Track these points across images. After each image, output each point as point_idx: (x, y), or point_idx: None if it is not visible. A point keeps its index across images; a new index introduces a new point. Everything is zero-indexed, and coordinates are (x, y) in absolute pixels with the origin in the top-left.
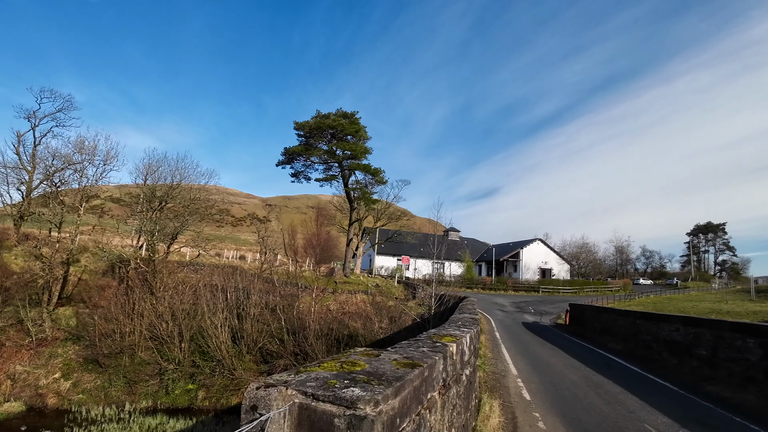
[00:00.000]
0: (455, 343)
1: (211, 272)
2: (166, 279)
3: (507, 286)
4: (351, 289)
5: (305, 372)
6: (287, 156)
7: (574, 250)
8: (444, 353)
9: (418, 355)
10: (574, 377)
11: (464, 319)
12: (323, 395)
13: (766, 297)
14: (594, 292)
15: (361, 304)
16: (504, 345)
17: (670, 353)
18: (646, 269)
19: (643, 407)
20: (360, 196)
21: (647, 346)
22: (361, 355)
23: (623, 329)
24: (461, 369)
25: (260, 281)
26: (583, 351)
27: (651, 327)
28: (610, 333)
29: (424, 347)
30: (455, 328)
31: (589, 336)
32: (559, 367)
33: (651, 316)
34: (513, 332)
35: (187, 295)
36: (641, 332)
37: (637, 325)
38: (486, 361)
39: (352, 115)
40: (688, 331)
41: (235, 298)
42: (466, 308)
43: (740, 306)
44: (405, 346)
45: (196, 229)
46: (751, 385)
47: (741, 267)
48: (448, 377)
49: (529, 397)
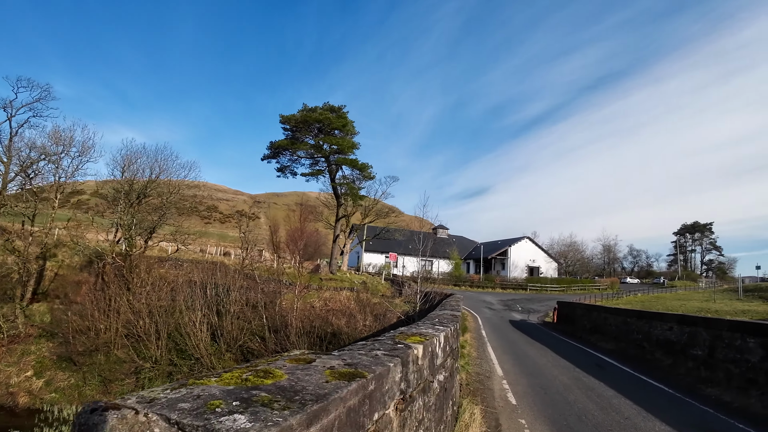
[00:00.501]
0: (423, 344)
1: (191, 268)
2: (143, 274)
3: (495, 283)
4: (336, 286)
5: (193, 385)
6: (273, 150)
7: (562, 248)
8: (404, 357)
9: (368, 360)
10: (563, 379)
11: (443, 315)
12: (191, 425)
13: (754, 296)
14: (581, 291)
15: (346, 301)
16: (490, 344)
17: (664, 353)
18: (633, 268)
19: (639, 413)
20: (347, 192)
21: (639, 345)
22: (289, 361)
23: (614, 328)
24: (432, 375)
25: (241, 277)
26: (573, 350)
27: (643, 326)
28: (601, 332)
29: (381, 350)
30: (429, 325)
31: (579, 335)
32: (547, 367)
33: (643, 314)
34: (500, 330)
35: (165, 291)
36: (633, 331)
37: (628, 324)
38: (470, 361)
39: (340, 109)
40: (682, 330)
41: (214, 295)
42: (448, 305)
43: (728, 305)
44: (356, 349)
45: (176, 223)
46: (753, 388)
47: (728, 267)
48: (410, 388)
49: (516, 401)
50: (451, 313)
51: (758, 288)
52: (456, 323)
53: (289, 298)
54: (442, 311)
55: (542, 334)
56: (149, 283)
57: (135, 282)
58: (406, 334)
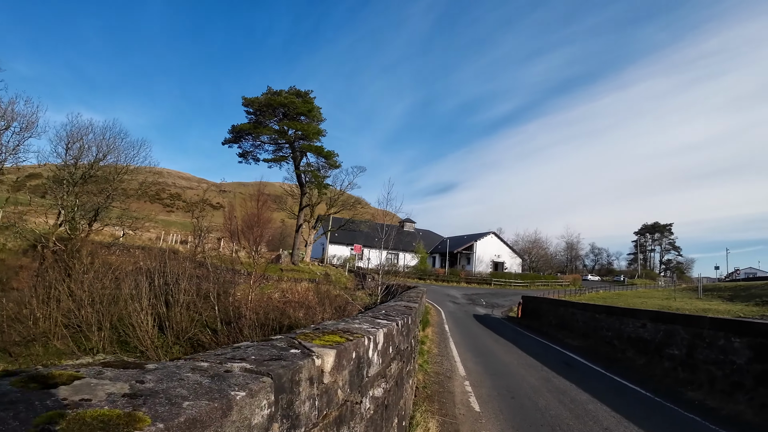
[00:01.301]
0: (338, 348)
1: (143, 255)
2: (86, 260)
3: (460, 278)
4: (297, 277)
5: None
6: (234, 134)
7: (526, 244)
8: (284, 376)
9: (191, 384)
10: (532, 380)
11: (395, 307)
12: None
13: (713, 296)
14: (545, 286)
15: (306, 292)
16: (453, 339)
17: (637, 352)
18: (594, 266)
19: (619, 422)
20: (311, 180)
21: (609, 343)
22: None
23: (582, 324)
24: (358, 393)
25: (193, 266)
26: (540, 347)
27: (614, 323)
28: (568, 328)
29: (247, 361)
30: (369, 318)
31: (545, 330)
32: (514, 366)
33: (614, 310)
34: (464, 325)
35: (110, 278)
36: (602, 328)
37: (597, 320)
38: (430, 359)
39: (306, 94)
40: (657, 328)
41: (163, 284)
42: (406, 296)
43: (689, 303)
44: (202, 360)
45: (123, 206)
46: (739, 392)
47: (686, 267)
48: (301, 425)
49: (479, 407)
50: (405, 305)
51: (717, 288)
52: (409, 316)
53: (245, 289)
54: (397, 302)
55: (507, 330)
56: (93, 270)
57: (77, 268)
58: (320, 333)
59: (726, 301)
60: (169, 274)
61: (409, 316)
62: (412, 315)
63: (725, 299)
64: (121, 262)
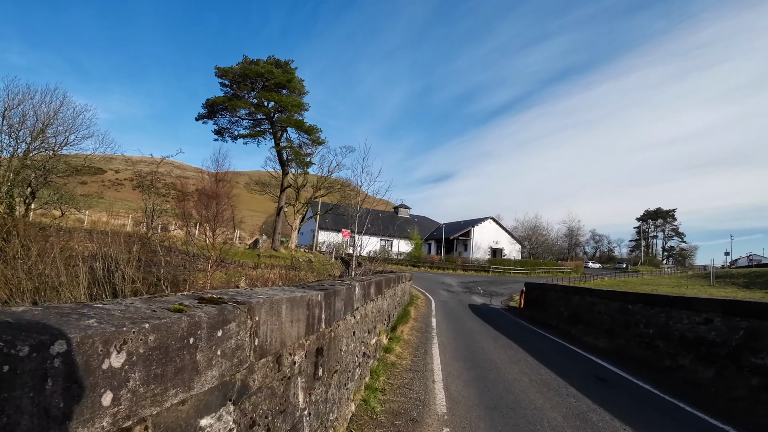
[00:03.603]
0: None
1: (86, 238)
2: (16, 244)
3: (456, 265)
4: (274, 264)
5: None
6: (209, 108)
7: (526, 230)
8: None
9: None
10: (557, 417)
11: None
12: None
13: (726, 282)
14: (546, 274)
15: (277, 280)
16: (438, 339)
17: (696, 359)
18: (595, 253)
19: None
20: (292, 158)
21: (649, 344)
22: None
23: (607, 318)
24: None
25: (144, 249)
26: (554, 350)
27: (656, 316)
28: (584, 322)
29: None
30: None
31: (554, 324)
32: (523, 387)
33: (657, 299)
34: (456, 318)
35: (48, 264)
36: (637, 323)
37: (630, 313)
38: (392, 378)
39: (287, 64)
40: (732, 326)
41: (106, 270)
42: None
43: (704, 291)
44: None
45: (64, 182)
46: None
47: (689, 253)
48: None
49: None
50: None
51: (729, 274)
52: None
53: (204, 277)
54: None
55: (508, 324)
56: (34, 255)
57: (11, 253)
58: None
59: (742, 288)
60: (112, 259)
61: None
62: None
63: (741, 286)
64: (64, 247)
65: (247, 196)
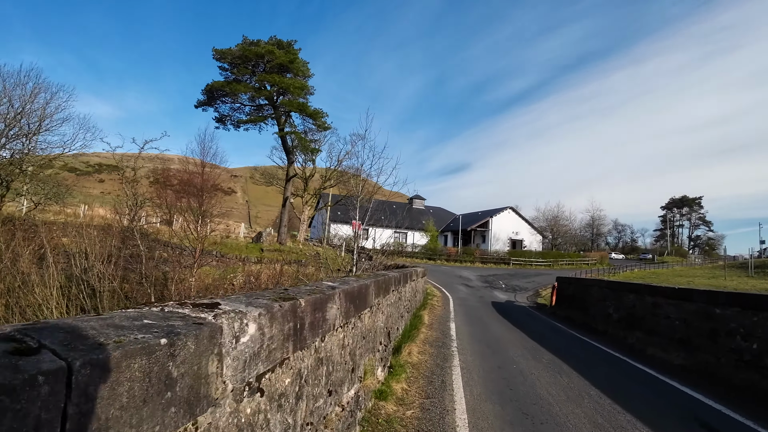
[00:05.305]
0: None
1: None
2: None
3: (474, 257)
4: (279, 259)
5: None
6: (208, 94)
7: (548, 220)
8: None
9: None
10: None
11: None
12: None
13: (765, 273)
14: (570, 265)
15: (278, 276)
16: (460, 358)
17: None
18: (617, 243)
19: None
20: (296, 144)
21: (750, 363)
22: None
23: (679, 324)
24: None
25: (127, 245)
26: (618, 371)
27: (762, 325)
28: (645, 328)
29: None
30: None
31: (600, 329)
32: None
33: (762, 302)
34: (479, 321)
35: (26, 261)
36: (731, 333)
37: (717, 319)
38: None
39: (289, 45)
40: None
41: (84, 268)
42: None
43: (744, 282)
44: None
45: (37, 172)
46: None
47: (717, 243)
48: None
49: None
50: None
51: (766, 264)
52: None
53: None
54: None
55: (543, 328)
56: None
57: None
58: None
59: None
60: (86, 257)
61: None
62: None
63: None
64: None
65: (262, 192)
